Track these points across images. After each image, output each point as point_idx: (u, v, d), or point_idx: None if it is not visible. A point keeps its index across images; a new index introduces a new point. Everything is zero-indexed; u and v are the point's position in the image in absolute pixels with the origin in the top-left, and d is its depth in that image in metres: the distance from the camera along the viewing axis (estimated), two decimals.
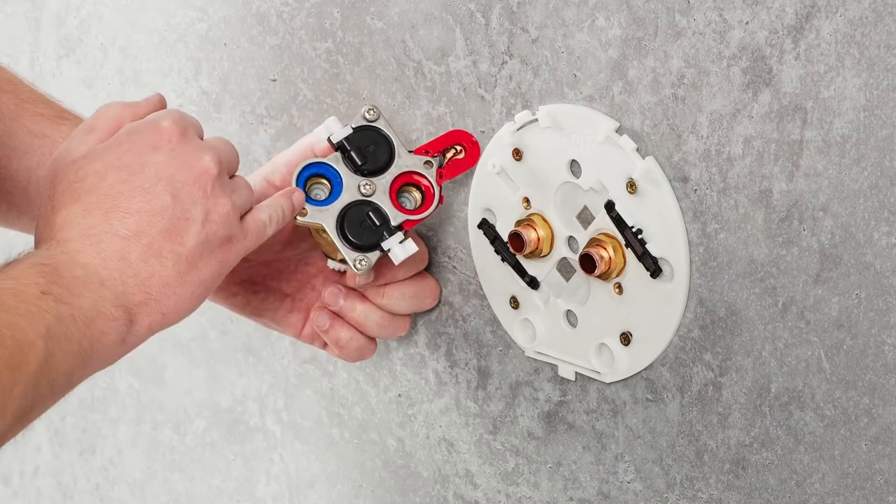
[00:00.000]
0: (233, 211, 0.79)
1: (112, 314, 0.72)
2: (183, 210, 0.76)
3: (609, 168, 0.85)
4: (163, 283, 0.75)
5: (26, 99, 0.90)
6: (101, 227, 0.74)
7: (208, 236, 0.77)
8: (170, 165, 0.77)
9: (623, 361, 0.88)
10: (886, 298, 0.75)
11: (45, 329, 0.67)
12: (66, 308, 0.69)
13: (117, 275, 0.74)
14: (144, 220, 0.75)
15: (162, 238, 0.75)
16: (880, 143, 0.73)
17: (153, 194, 0.76)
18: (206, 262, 0.77)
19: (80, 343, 0.70)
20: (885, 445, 0.77)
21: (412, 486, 1.05)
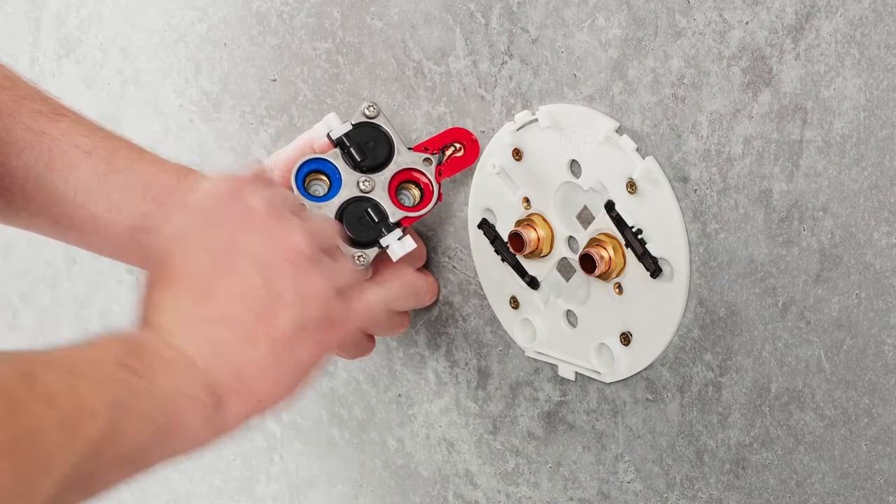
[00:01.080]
0: (330, 290, 0.76)
1: (196, 396, 0.70)
2: (274, 292, 0.74)
3: (609, 168, 0.85)
4: (257, 368, 0.72)
5: (24, 96, 0.91)
6: (193, 311, 0.73)
7: (303, 318, 0.74)
8: (260, 245, 0.75)
9: (623, 361, 0.88)
10: (886, 298, 0.75)
11: (112, 399, 0.65)
12: (142, 383, 0.67)
13: (208, 358, 0.71)
14: (235, 302, 0.73)
15: (254, 321, 0.73)
16: (880, 143, 0.73)
17: (244, 276, 0.74)
18: (304, 344, 0.74)
19: (157, 421, 0.67)
20: (885, 445, 0.77)
21: (412, 486, 1.05)
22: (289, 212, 0.79)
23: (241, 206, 0.78)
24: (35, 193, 0.89)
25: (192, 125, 1.12)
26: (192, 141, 1.12)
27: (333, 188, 0.89)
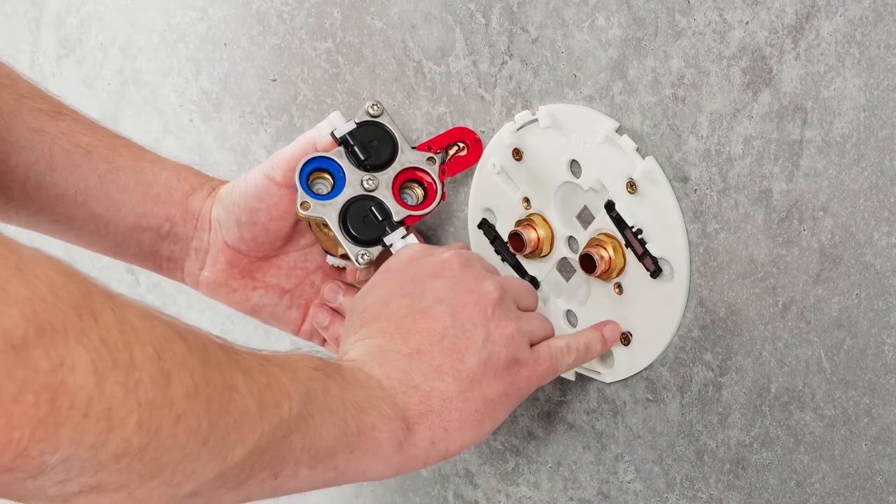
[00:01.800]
0: (518, 334, 0.79)
1: (388, 414, 0.73)
2: (463, 330, 0.77)
3: (609, 168, 0.85)
4: (444, 397, 0.76)
5: (25, 94, 0.91)
6: (385, 346, 0.76)
7: (490, 356, 0.77)
8: (450, 290, 0.79)
9: (623, 361, 0.88)
10: (886, 298, 0.75)
11: (306, 390, 0.68)
12: (335, 387, 0.70)
13: (398, 385, 0.75)
14: (426, 339, 0.76)
15: (443, 356, 0.76)
16: (880, 143, 0.73)
17: (434, 316, 0.77)
18: (491, 382, 0.78)
19: (346, 423, 0.70)
20: (885, 445, 0.77)
21: (412, 486, 1.05)
22: (479, 265, 0.83)
23: (434, 259, 0.82)
24: (35, 192, 0.89)
25: (192, 125, 1.12)
26: (192, 141, 1.12)
27: (337, 186, 0.89)
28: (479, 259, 0.84)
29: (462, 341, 0.77)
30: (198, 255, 0.93)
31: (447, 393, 0.76)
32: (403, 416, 0.74)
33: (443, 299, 0.78)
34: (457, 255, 0.82)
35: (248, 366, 0.65)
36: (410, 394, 0.75)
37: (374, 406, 0.72)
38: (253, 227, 0.91)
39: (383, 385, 0.74)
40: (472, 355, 0.77)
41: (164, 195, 0.92)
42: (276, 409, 0.65)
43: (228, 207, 0.91)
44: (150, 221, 0.92)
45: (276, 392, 0.66)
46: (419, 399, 0.75)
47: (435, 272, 0.80)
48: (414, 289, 0.80)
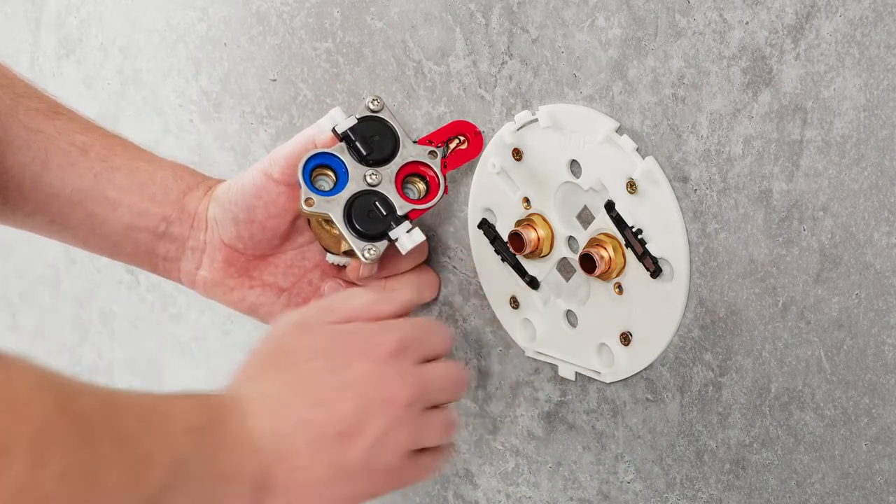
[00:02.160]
0: (410, 444, 0.77)
1: (248, 485, 0.71)
2: (360, 423, 0.75)
3: (609, 168, 0.85)
4: (309, 480, 0.73)
5: (21, 93, 0.91)
6: (284, 400, 0.74)
7: (372, 458, 0.75)
8: (368, 376, 0.76)
9: (623, 361, 0.88)
10: (886, 298, 0.75)
11: (175, 458, 0.66)
12: (206, 455, 0.69)
13: (274, 449, 0.72)
14: (323, 415, 0.74)
15: (330, 439, 0.74)
16: (880, 143, 0.73)
17: (341, 397, 0.75)
18: (359, 481, 0.75)
19: (204, 496, 0.69)
20: (885, 445, 0.77)
21: (412, 486, 1.05)
22: (415, 355, 0.79)
23: (371, 333, 0.78)
24: (31, 192, 0.89)
25: (192, 125, 1.12)
26: (192, 141, 1.12)
27: (340, 182, 0.89)
28: (419, 345, 0.80)
29: (355, 433, 0.75)
30: (194, 255, 0.92)
31: (315, 477, 0.73)
32: (264, 485, 0.72)
33: (357, 384, 0.76)
34: (397, 341, 0.78)
35: (125, 434, 0.63)
36: (281, 465, 0.72)
37: (238, 475, 0.70)
38: (250, 224, 0.90)
39: (258, 448, 0.72)
40: (357, 452, 0.75)
41: (159, 194, 0.91)
42: (141, 484, 0.64)
43: (225, 205, 0.90)
44: (146, 221, 0.91)
45: (145, 462, 0.64)
46: (286, 472, 0.73)
47: (366, 350, 0.77)
48: (341, 357, 0.77)
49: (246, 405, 0.73)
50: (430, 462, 0.80)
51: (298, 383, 0.75)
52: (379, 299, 0.82)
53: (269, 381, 0.75)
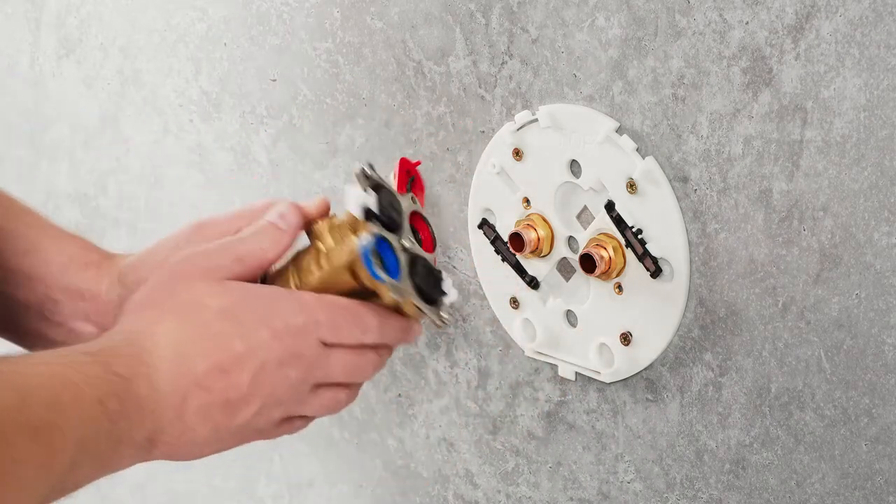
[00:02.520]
0: (285, 417, 0.78)
1: (140, 444, 0.71)
2: (250, 395, 0.75)
3: (609, 168, 0.85)
4: (192, 440, 0.74)
5: None
6: (187, 358, 0.73)
7: (250, 424, 0.76)
8: (270, 352, 0.75)
9: (623, 361, 0.88)
10: (886, 298, 0.75)
11: (81, 437, 0.66)
12: (108, 425, 0.68)
13: (168, 413, 0.72)
14: (221, 382, 0.74)
15: (220, 406, 0.74)
16: (880, 143, 0.73)
17: (241, 367, 0.74)
18: (233, 440, 0.76)
19: (103, 461, 0.69)
20: (885, 445, 0.77)
21: (412, 486, 1.05)
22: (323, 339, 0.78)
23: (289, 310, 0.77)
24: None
25: (192, 125, 1.12)
26: (192, 141, 1.12)
27: (389, 259, 0.80)
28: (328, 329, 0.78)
29: (241, 405, 0.75)
30: (88, 339, 0.80)
31: (198, 437, 0.74)
32: (152, 444, 0.72)
33: (256, 356, 0.75)
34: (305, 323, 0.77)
35: (37, 424, 0.63)
36: (171, 427, 0.72)
37: (134, 438, 0.70)
38: None
39: (156, 408, 0.71)
40: (240, 419, 0.75)
41: (40, 266, 0.83)
42: (55, 468, 0.64)
43: (132, 287, 0.80)
44: (26, 296, 0.83)
45: (59, 447, 0.64)
46: (174, 434, 0.73)
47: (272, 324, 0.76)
48: (245, 325, 0.75)
49: (151, 359, 0.72)
50: (301, 426, 0.80)
51: (204, 341, 0.74)
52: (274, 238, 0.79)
53: (175, 330, 0.74)
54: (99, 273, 0.83)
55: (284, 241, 0.80)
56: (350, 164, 1.01)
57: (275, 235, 0.79)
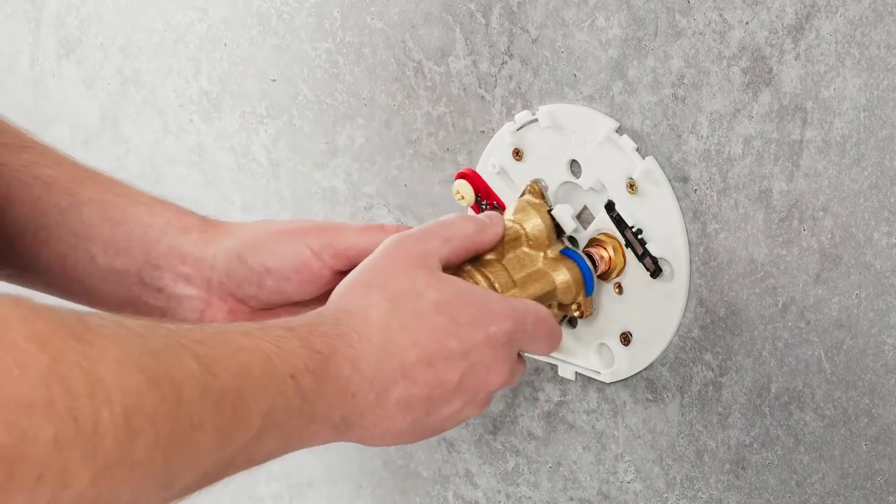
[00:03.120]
0: (468, 418, 0.78)
1: (336, 424, 0.70)
2: (452, 396, 0.74)
3: (609, 168, 0.85)
4: (388, 429, 0.73)
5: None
6: (396, 347, 0.72)
7: (443, 424, 0.76)
8: (481, 356, 0.75)
9: (623, 361, 0.88)
10: (886, 298, 0.75)
11: (269, 409, 0.65)
12: (300, 402, 0.67)
13: (368, 399, 0.71)
14: (429, 378, 0.73)
15: (422, 401, 0.73)
16: (880, 143, 0.73)
17: (452, 367, 0.74)
18: (424, 434, 0.76)
19: (292, 436, 0.68)
20: (885, 445, 0.77)
21: (412, 486, 1.05)
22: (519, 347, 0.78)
23: (501, 313, 0.76)
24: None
25: (192, 125, 1.12)
26: (192, 141, 1.12)
27: (588, 273, 0.85)
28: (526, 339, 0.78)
29: (442, 404, 0.74)
30: (190, 304, 0.84)
31: (393, 429, 0.73)
32: (348, 426, 0.71)
33: (468, 359, 0.74)
34: (513, 330, 0.76)
35: (221, 393, 0.62)
36: (369, 414, 0.72)
37: (328, 418, 0.69)
38: (276, 294, 0.83)
39: (356, 392, 0.70)
40: (437, 418, 0.74)
41: (137, 233, 0.82)
42: (234, 440, 0.63)
43: (254, 268, 0.82)
44: (124, 264, 0.82)
45: (239, 420, 0.63)
46: (372, 420, 0.72)
47: (485, 327, 0.75)
48: (459, 322, 0.74)
49: (359, 341, 0.71)
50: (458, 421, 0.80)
51: (417, 331, 0.73)
52: (481, 226, 0.80)
53: (389, 315, 0.73)
54: (204, 237, 0.83)
55: (489, 231, 0.80)
56: (350, 164, 1.01)
57: (479, 224, 0.80)
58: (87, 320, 0.57)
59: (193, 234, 0.83)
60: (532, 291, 0.82)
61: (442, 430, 0.76)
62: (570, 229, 0.84)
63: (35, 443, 0.53)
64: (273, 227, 0.83)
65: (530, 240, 0.83)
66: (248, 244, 0.82)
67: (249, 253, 0.82)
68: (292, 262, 0.81)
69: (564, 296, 0.83)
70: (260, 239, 0.82)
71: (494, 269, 0.81)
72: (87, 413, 0.54)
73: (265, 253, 0.82)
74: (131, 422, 0.56)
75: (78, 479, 0.54)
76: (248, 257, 0.82)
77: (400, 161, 0.98)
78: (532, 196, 0.85)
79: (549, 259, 0.83)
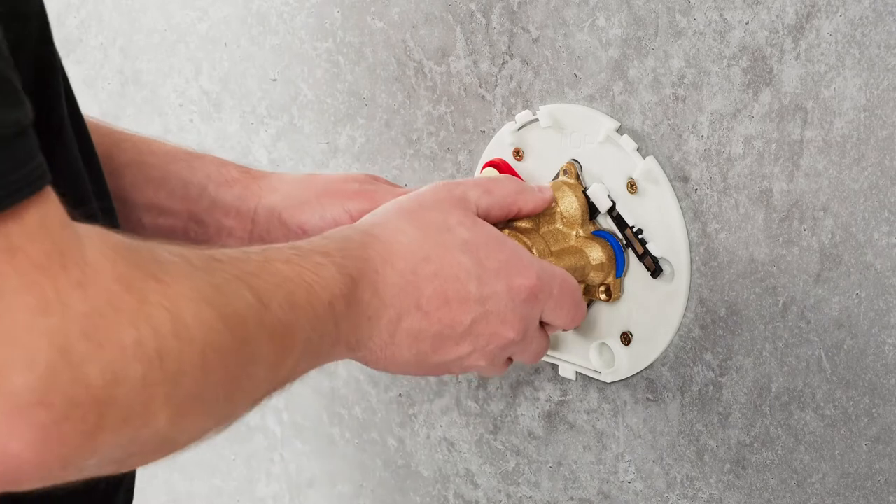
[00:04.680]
0: (474, 367, 0.78)
1: (351, 344, 0.72)
2: (462, 338, 0.75)
3: (609, 168, 0.85)
4: (393, 356, 0.74)
5: None
6: (417, 277, 0.73)
7: (446, 365, 0.76)
8: (499, 305, 0.75)
9: (623, 361, 0.88)
10: (886, 298, 0.75)
11: (307, 338, 0.66)
12: (331, 328, 0.69)
13: (383, 322, 0.72)
14: (442, 315, 0.73)
15: (431, 337, 0.74)
16: (880, 143, 0.73)
17: (467, 309, 0.74)
18: (426, 371, 0.76)
19: (319, 360, 0.70)
20: (885, 445, 0.77)
21: (412, 486, 1.05)
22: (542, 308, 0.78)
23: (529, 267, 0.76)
24: None
25: (192, 125, 1.12)
26: (192, 141, 1.12)
27: (620, 255, 0.86)
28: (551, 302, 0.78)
29: (451, 345, 0.75)
30: None
31: (396, 357, 0.74)
32: (358, 345, 0.72)
33: (485, 305, 0.75)
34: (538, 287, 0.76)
35: (275, 325, 0.63)
36: (379, 337, 0.72)
37: (348, 338, 0.71)
38: None
39: (373, 315, 0.71)
40: (442, 357, 0.75)
41: (178, 190, 0.84)
42: (281, 370, 0.65)
43: (292, 227, 0.84)
44: (169, 222, 0.85)
45: (287, 350, 0.65)
46: (380, 345, 0.73)
47: (510, 278, 0.75)
48: (484, 266, 0.75)
49: (383, 267, 0.72)
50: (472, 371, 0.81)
51: (440, 264, 0.73)
52: (526, 189, 0.81)
53: (415, 243, 0.73)
54: (247, 191, 0.84)
55: (532, 196, 0.81)
56: (350, 164, 1.01)
57: (523, 187, 0.81)
58: (159, 257, 0.58)
59: (236, 188, 0.84)
60: (567, 263, 0.83)
61: (447, 372, 0.77)
62: (605, 208, 0.85)
63: (125, 384, 0.54)
64: (315, 187, 0.84)
65: (564, 217, 0.85)
66: (290, 203, 0.84)
67: (289, 212, 0.83)
68: (331, 224, 0.82)
69: (596, 274, 0.85)
70: (301, 198, 0.84)
71: (533, 236, 0.82)
72: (173, 353, 0.56)
73: (305, 214, 0.83)
74: (207, 359, 0.58)
75: (157, 419, 0.56)
76: (287, 217, 0.83)
77: (400, 161, 0.98)
78: (567, 177, 0.86)
79: (581, 238, 0.85)
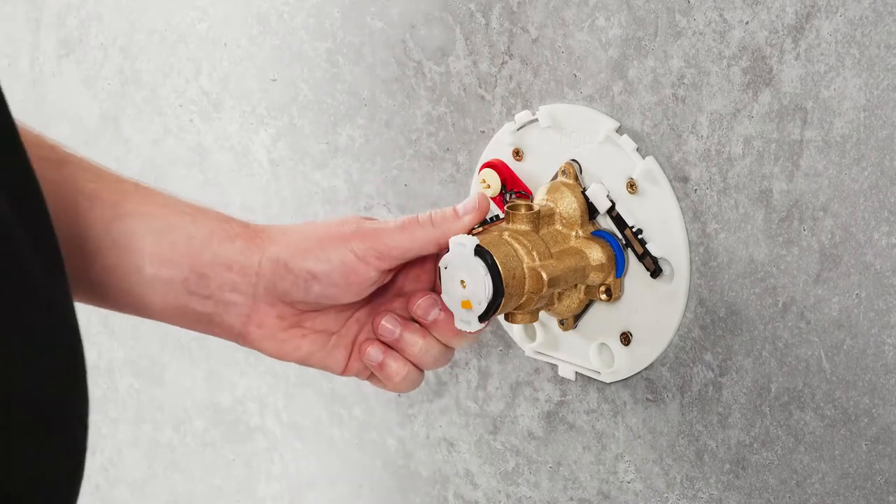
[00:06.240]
0: None
1: None
2: None
3: (609, 168, 0.85)
4: None
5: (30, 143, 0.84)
6: None
7: None
8: None
9: (623, 361, 0.88)
10: (886, 298, 0.75)
11: None
12: None
13: None
14: None
15: None
16: (880, 143, 0.73)
17: None
18: None
19: None
20: (885, 445, 0.77)
21: (412, 486, 1.05)
22: None
23: None
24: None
25: (192, 125, 1.12)
26: (192, 141, 1.12)
27: (619, 255, 0.86)
28: None
29: None
30: (237, 310, 0.85)
31: None
32: None
33: None
34: None
35: None
36: None
37: None
38: (324, 297, 0.84)
39: None
40: None
41: (181, 242, 0.83)
42: None
43: (300, 274, 0.83)
44: (171, 273, 0.83)
45: None
46: None
47: None
48: None
49: None
50: None
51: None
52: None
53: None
54: (249, 246, 0.85)
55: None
56: (350, 164, 1.01)
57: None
58: None
59: (238, 243, 0.84)
60: (568, 264, 0.83)
61: None
62: (604, 209, 0.84)
63: None
64: (316, 233, 0.84)
65: (564, 218, 0.85)
66: (293, 251, 0.84)
67: (294, 260, 0.83)
68: (339, 267, 0.82)
69: (596, 274, 0.85)
70: (304, 245, 0.84)
71: (532, 238, 0.82)
72: None
73: (311, 260, 0.83)
74: None
75: None
76: (293, 265, 0.83)
77: (400, 161, 0.98)
78: (566, 177, 0.86)
79: (581, 238, 0.85)
